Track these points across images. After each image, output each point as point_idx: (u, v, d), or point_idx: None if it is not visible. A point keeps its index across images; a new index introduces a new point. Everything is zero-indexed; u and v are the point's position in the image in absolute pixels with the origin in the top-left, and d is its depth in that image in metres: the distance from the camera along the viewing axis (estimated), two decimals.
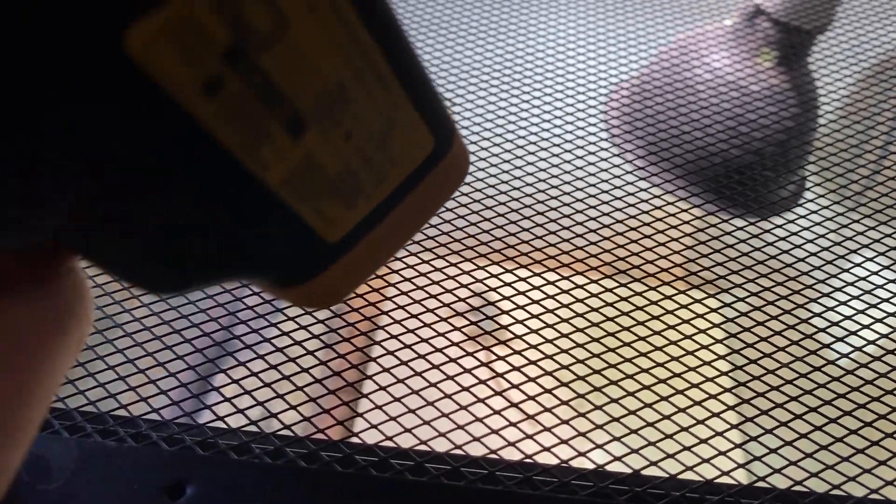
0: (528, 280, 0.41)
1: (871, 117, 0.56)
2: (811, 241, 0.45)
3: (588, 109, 0.57)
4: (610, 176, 0.49)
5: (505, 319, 0.40)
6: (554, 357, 0.37)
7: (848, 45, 0.63)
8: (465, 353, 0.38)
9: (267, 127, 0.13)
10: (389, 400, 0.34)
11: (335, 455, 0.29)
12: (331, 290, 0.18)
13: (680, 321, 0.39)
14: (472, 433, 0.33)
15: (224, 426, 0.30)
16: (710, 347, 0.38)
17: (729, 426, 0.35)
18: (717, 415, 0.35)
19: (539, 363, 0.37)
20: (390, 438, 0.32)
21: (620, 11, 0.70)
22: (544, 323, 0.38)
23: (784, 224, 0.45)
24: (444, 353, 0.37)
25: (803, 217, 0.46)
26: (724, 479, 0.31)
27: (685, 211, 0.46)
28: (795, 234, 0.45)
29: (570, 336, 0.38)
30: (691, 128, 0.54)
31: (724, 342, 0.40)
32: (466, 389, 0.35)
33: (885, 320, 0.41)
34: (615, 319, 0.39)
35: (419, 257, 0.43)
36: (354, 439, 0.32)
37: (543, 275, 0.41)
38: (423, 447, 0.31)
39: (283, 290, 0.17)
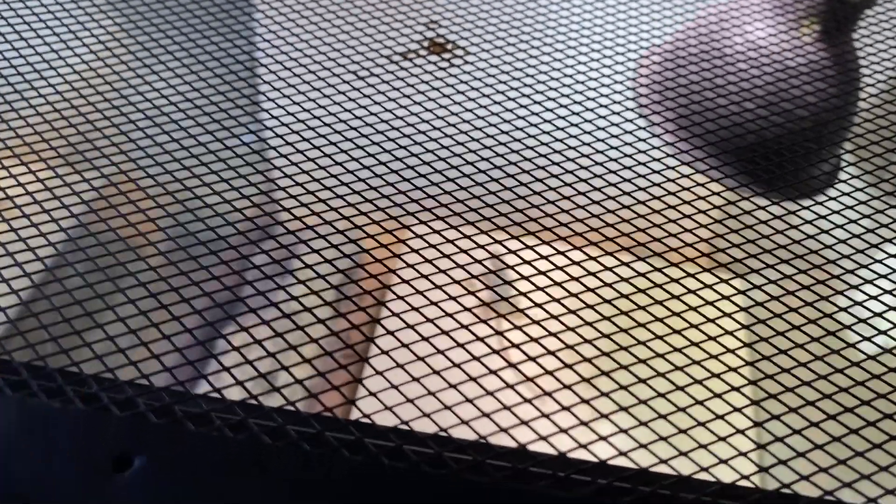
0: (550, 258, 0.39)
1: None
2: (842, 227, 0.42)
3: (616, 76, 0.54)
4: (636, 150, 0.46)
5: (521, 298, 0.38)
6: (574, 346, 0.35)
7: None
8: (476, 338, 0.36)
9: None
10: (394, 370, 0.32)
11: (305, 430, 0.26)
12: None
13: (702, 303, 0.37)
14: (471, 409, 0.31)
15: (182, 390, 0.27)
16: (729, 330, 0.36)
17: (748, 424, 0.32)
18: (733, 410, 0.32)
19: (557, 352, 0.35)
20: (390, 409, 0.30)
21: None
22: (565, 308, 0.36)
23: (815, 206, 0.43)
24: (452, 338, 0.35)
25: (835, 199, 0.44)
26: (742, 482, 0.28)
27: (716, 194, 0.44)
28: (827, 217, 0.42)
29: (592, 323, 0.36)
30: (726, 101, 0.51)
31: (744, 324, 0.38)
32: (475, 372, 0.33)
33: None
34: (633, 298, 0.37)
35: (430, 226, 0.40)
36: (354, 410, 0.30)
37: (563, 251, 0.39)
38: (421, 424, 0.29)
39: None
